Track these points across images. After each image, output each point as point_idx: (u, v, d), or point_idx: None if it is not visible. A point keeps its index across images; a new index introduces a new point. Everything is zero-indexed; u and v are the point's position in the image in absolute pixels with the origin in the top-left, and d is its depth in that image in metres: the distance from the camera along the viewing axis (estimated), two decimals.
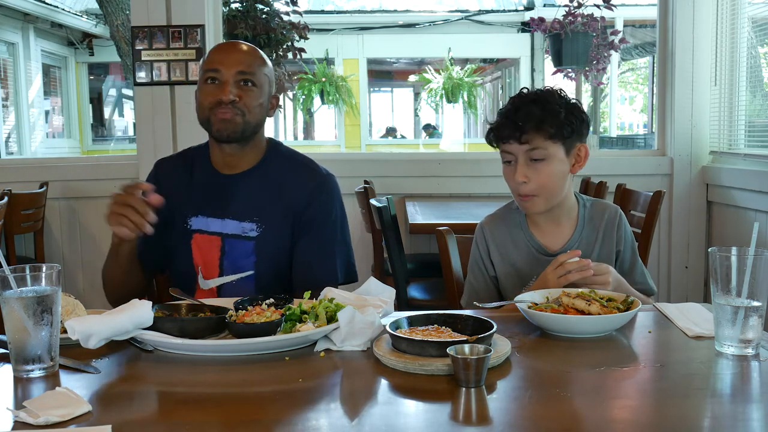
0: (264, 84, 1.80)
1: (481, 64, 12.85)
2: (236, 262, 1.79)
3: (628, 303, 1.41)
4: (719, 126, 3.63)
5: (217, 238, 1.80)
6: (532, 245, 1.75)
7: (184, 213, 1.84)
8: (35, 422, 0.99)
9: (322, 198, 1.82)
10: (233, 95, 1.74)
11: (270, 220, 1.79)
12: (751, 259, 1.22)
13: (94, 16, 10.13)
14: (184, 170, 1.89)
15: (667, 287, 3.81)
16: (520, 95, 1.72)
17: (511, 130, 1.66)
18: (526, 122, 1.65)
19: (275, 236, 1.79)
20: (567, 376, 1.19)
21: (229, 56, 1.79)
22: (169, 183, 1.87)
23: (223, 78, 1.76)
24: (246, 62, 1.78)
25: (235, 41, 1.92)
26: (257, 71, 1.79)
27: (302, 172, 1.85)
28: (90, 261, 3.95)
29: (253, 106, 1.77)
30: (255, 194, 1.81)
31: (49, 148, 10.53)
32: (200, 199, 1.84)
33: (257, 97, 1.78)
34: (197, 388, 1.17)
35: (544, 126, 1.64)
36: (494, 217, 1.83)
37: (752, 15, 3.44)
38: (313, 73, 11.29)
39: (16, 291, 1.20)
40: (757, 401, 1.10)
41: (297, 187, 1.81)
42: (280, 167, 1.84)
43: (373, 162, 4.15)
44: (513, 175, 1.68)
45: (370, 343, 1.30)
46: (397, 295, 1.74)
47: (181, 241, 1.84)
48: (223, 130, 1.76)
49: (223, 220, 1.80)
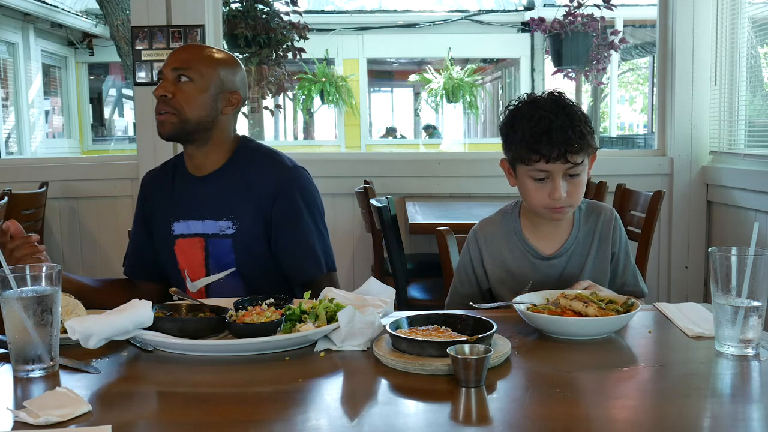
0: (208, 80, 1.79)
1: (481, 64, 12.84)
2: (219, 261, 1.83)
3: (628, 305, 1.41)
4: (719, 126, 3.63)
5: (200, 239, 1.83)
6: (527, 250, 1.74)
7: (168, 220, 1.88)
8: (35, 422, 0.99)
9: (290, 190, 1.83)
10: (165, 91, 1.77)
11: (243, 216, 1.81)
12: (751, 259, 1.22)
13: (94, 16, 10.12)
14: (165, 179, 1.93)
15: (667, 287, 3.81)
16: (547, 109, 1.63)
17: (558, 151, 1.60)
18: (572, 142, 1.60)
19: (250, 232, 1.81)
20: (567, 376, 1.19)
21: (170, 57, 1.82)
22: (154, 195, 1.93)
23: (164, 77, 1.80)
24: (183, 59, 1.80)
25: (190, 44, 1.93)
26: (196, 67, 1.78)
27: (268, 165, 1.86)
28: (90, 261, 3.95)
29: (189, 102, 1.77)
30: (227, 192, 1.83)
31: (49, 148, 10.53)
32: (180, 203, 1.87)
33: (195, 92, 1.78)
34: (197, 388, 1.17)
35: (584, 144, 1.62)
36: (488, 222, 1.82)
37: (752, 15, 3.44)
38: (313, 73, 11.29)
39: (16, 291, 1.20)
40: (757, 401, 1.10)
41: (264, 181, 1.83)
42: (248, 163, 1.86)
43: (373, 162, 4.15)
44: (548, 191, 1.63)
45: (370, 343, 1.30)
46: (397, 295, 1.74)
47: (165, 248, 1.88)
48: (161, 132, 1.80)
49: (203, 221, 1.83)
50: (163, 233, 1.88)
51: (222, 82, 1.81)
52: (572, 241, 1.74)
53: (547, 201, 1.65)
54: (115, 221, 3.83)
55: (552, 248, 1.74)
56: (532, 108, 1.66)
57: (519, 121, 1.66)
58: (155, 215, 1.91)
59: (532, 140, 1.61)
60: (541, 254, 1.73)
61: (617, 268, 1.77)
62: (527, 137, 1.62)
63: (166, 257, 1.89)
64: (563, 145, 1.60)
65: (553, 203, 1.64)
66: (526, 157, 1.63)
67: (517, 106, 1.70)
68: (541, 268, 1.72)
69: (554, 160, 1.61)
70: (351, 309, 1.30)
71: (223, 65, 1.83)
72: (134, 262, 1.97)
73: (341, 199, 3.85)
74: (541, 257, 1.73)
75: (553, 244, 1.74)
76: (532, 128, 1.62)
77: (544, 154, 1.60)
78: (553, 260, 1.73)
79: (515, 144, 1.66)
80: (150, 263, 1.94)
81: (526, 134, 1.63)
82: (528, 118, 1.64)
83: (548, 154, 1.60)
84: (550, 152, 1.60)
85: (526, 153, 1.63)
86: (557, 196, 1.63)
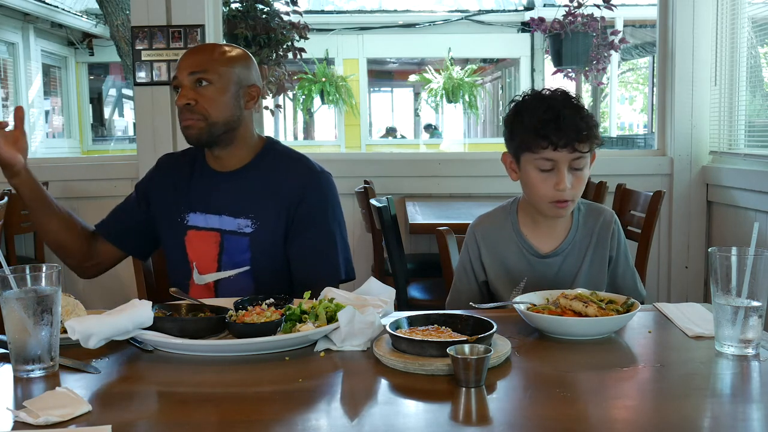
0: (227, 79, 1.78)
1: (481, 64, 12.84)
2: (233, 258, 1.81)
3: (628, 305, 1.41)
4: (719, 126, 3.63)
5: (216, 233, 1.81)
6: (524, 247, 1.74)
7: (181, 209, 1.85)
8: (35, 422, 0.99)
9: (316, 194, 1.82)
10: (187, 99, 1.75)
11: (264, 216, 1.79)
12: (751, 259, 1.22)
13: (94, 16, 10.13)
14: (185, 167, 1.91)
15: (667, 287, 3.81)
16: (556, 100, 1.64)
17: (567, 138, 1.59)
18: (580, 130, 1.60)
19: (269, 232, 1.79)
20: (567, 376, 1.19)
21: (183, 61, 1.79)
22: (168, 178, 1.91)
23: (181, 84, 1.77)
24: (197, 62, 1.77)
25: (197, 45, 1.90)
26: (213, 68, 1.77)
27: (296, 168, 1.84)
28: None
29: (213, 105, 1.76)
30: (249, 191, 1.82)
31: (49, 148, 10.53)
32: (198, 195, 1.85)
33: (218, 94, 1.76)
34: (197, 388, 1.17)
35: (591, 134, 1.62)
36: (485, 219, 1.82)
37: (752, 15, 3.44)
38: (313, 73, 11.29)
39: (16, 291, 1.20)
40: (757, 401, 1.10)
41: (290, 183, 1.81)
42: (274, 164, 1.84)
43: (373, 162, 4.14)
44: (552, 182, 1.63)
45: (370, 343, 1.30)
46: (397, 295, 1.74)
47: (174, 237, 1.86)
48: (189, 137, 1.79)
49: (221, 216, 1.82)
50: (173, 221, 1.85)
51: (240, 79, 1.80)
52: (569, 240, 1.73)
53: (551, 193, 1.64)
54: None
55: (549, 246, 1.74)
56: (540, 98, 1.66)
57: (526, 110, 1.66)
58: (164, 199, 1.88)
59: (541, 125, 1.61)
60: (537, 251, 1.73)
61: (616, 272, 1.77)
62: (535, 123, 1.61)
63: (173, 246, 1.86)
64: (572, 132, 1.59)
65: (557, 195, 1.64)
66: (534, 144, 1.62)
67: (523, 98, 1.70)
68: (537, 266, 1.72)
69: (562, 148, 1.60)
70: (351, 309, 1.30)
71: (239, 61, 1.82)
72: (111, 220, 1.94)
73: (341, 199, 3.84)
74: (537, 255, 1.73)
75: (550, 242, 1.74)
76: (541, 114, 1.61)
77: (552, 141, 1.60)
78: (548, 259, 1.73)
79: (522, 132, 1.65)
80: (126, 229, 1.91)
81: (534, 120, 1.62)
82: (535, 107, 1.64)
83: (557, 140, 1.59)
84: (559, 139, 1.59)
85: (533, 140, 1.62)
86: (562, 187, 1.62)
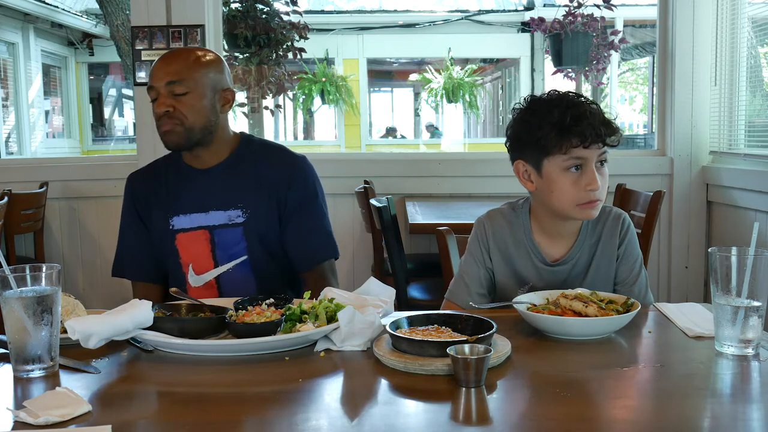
0: (202, 85, 1.81)
1: (481, 64, 12.84)
2: (229, 250, 1.84)
3: (629, 305, 1.41)
4: (719, 126, 3.63)
5: (204, 231, 1.84)
6: (534, 253, 1.69)
7: (166, 216, 1.88)
8: (35, 422, 0.99)
9: (302, 178, 1.90)
10: (165, 107, 1.78)
11: (254, 204, 1.85)
12: (751, 259, 1.22)
13: (94, 16, 10.12)
14: (156, 177, 1.94)
15: (667, 287, 3.81)
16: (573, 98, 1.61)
17: (596, 132, 1.56)
18: (608, 122, 1.58)
19: (262, 219, 1.84)
20: (567, 376, 1.19)
21: (158, 70, 1.81)
22: (146, 193, 1.93)
23: (157, 93, 1.80)
24: (173, 71, 1.80)
25: (170, 52, 1.90)
26: (188, 75, 1.79)
27: (278, 156, 1.92)
28: (90, 261, 3.94)
29: (190, 112, 1.79)
30: (235, 182, 1.86)
31: (49, 148, 10.53)
32: (180, 197, 1.88)
33: (195, 100, 1.79)
34: (197, 388, 1.17)
35: (617, 126, 1.60)
36: (496, 214, 1.76)
37: (752, 15, 3.44)
38: (313, 73, 11.28)
39: (16, 291, 1.20)
40: (757, 401, 1.10)
41: (275, 171, 1.87)
42: (254, 155, 1.90)
43: (373, 162, 4.14)
44: (582, 183, 1.58)
45: (370, 343, 1.30)
46: (397, 295, 1.74)
47: (165, 244, 1.88)
48: (168, 142, 1.82)
49: (207, 212, 1.85)
50: (161, 229, 1.88)
51: (214, 84, 1.84)
52: (578, 247, 1.69)
53: (582, 195, 1.59)
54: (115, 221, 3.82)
55: (558, 253, 1.70)
56: (555, 99, 1.62)
57: (541, 113, 1.61)
58: (150, 213, 1.91)
59: (572, 122, 1.56)
60: (546, 260, 1.69)
61: (628, 277, 1.69)
62: (561, 122, 1.56)
63: (167, 253, 1.89)
64: (602, 126, 1.57)
65: (588, 196, 1.59)
66: (562, 143, 1.57)
67: (528, 105, 1.65)
68: (545, 274, 1.68)
69: (593, 142, 1.56)
70: (351, 309, 1.30)
71: (212, 66, 1.85)
72: (132, 263, 1.95)
73: (341, 199, 3.85)
74: (546, 263, 1.69)
75: (559, 248, 1.70)
76: (565, 112, 1.57)
77: (584, 137, 1.55)
78: (557, 267, 1.69)
79: (542, 135, 1.59)
80: (148, 262, 1.93)
81: (558, 119, 1.57)
82: (552, 108, 1.59)
83: (588, 135, 1.55)
84: (590, 133, 1.55)
85: (559, 140, 1.57)
86: (596, 186, 1.58)
